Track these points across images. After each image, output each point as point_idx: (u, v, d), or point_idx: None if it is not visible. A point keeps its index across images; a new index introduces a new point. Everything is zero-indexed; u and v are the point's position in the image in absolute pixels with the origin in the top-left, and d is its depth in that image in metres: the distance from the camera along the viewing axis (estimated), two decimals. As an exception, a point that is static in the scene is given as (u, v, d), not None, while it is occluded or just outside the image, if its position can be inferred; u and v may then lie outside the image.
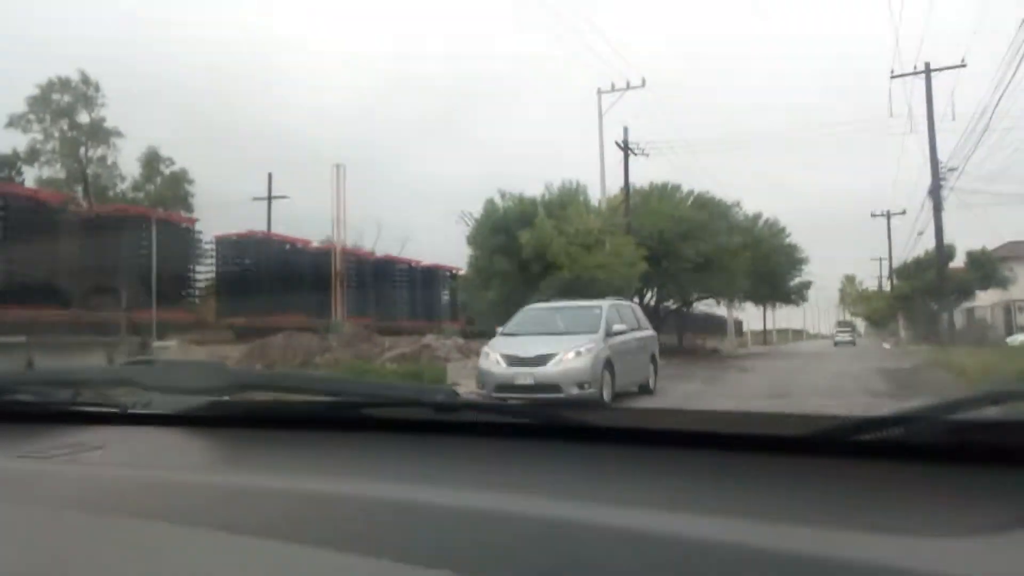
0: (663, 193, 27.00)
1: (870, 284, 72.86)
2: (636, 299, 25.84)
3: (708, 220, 26.33)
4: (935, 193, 22.46)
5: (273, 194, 32.05)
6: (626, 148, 25.30)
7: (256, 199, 32.61)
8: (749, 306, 35.78)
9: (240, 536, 0.65)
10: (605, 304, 11.10)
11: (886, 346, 41.97)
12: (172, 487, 0.82)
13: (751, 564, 0.53)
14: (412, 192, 65.84)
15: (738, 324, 52.22)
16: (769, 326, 62.24)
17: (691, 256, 24.48)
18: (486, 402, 1.46)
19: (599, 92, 23.77)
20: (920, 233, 30.25)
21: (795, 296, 33.86)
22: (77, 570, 0.62)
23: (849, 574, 0.50)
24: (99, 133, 31.22)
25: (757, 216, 31.21)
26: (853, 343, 49.71)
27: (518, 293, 17.46)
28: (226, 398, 1.16)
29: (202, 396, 1.15)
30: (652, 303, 30.27)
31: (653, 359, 11.86)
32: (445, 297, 25.86)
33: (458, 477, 0.86)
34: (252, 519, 0.70)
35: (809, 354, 32.64)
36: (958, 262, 32.14)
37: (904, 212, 40.17)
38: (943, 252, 23.07)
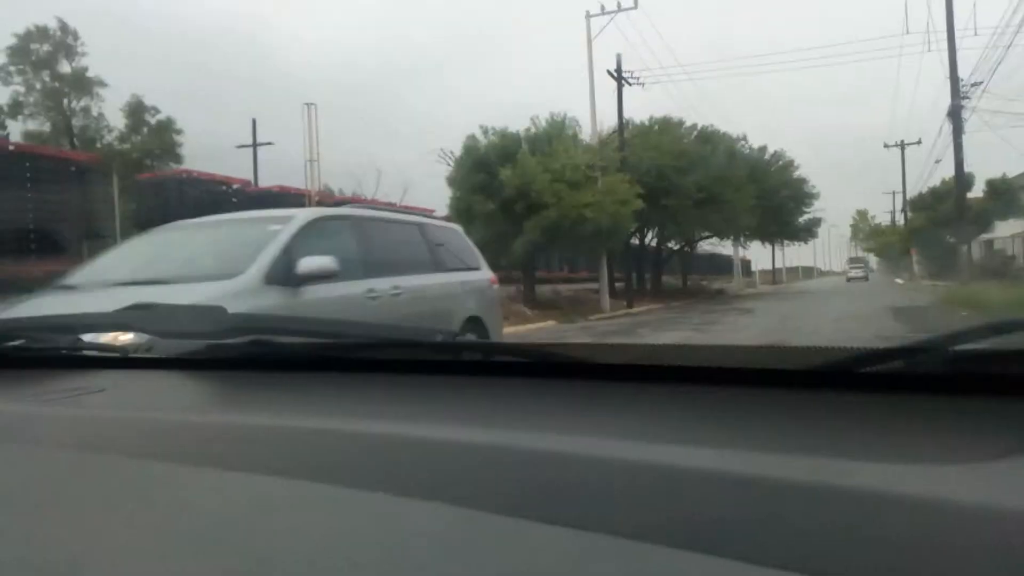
0: (664, 127, 25.35)
1: (883, 219, 71.06)
2: (636, 240, 24.59)
3: (710, 153, 24.80)
4: (955, 113, 20.67)
5: (260, 141, 30.54)
6: (619, 77, 23.52)
7: (241, 146, 31.22)
8: (757, 245, 34.31)
9: (239, 473, 0.66)
10: (298, 217, 4.93)
11: (899, 282, 40.55)
12: (172, 427, 0.82)
13: (746, 492, 0.53)
14: (412, 138, 63.83)
15: (746, 264, 50.83)
16: (779, 265, 60.73)
17: (691, 191, 23.04)
18: (483, 342, 1.37)
19: (587, 15, 21.94)
20: (937, 161, 28.43)
21: (804, 233, 32.31)
22: (78, 511, 0.62)
23: (845, 501, 0.50)
24: (82, 83, 29.76)
25: (763, 149, 29.56)
26: (865, 278, 49.16)
27: (500, 236, 16.18)
28: (226, 341, 1.15)
29: (202, 339, 1.16)
30: (654, 243, 28.93)
31: (477, 321, 6.03)
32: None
33: (454, 414, 0.86)
34: (251, 457, 0.71)
35: (819, 292, 31.34)
36: (976, 192, 30.41)
37: (919, 142, 38.20)
38: (963, 176, 21.28)
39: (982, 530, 0.46)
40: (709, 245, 34.69)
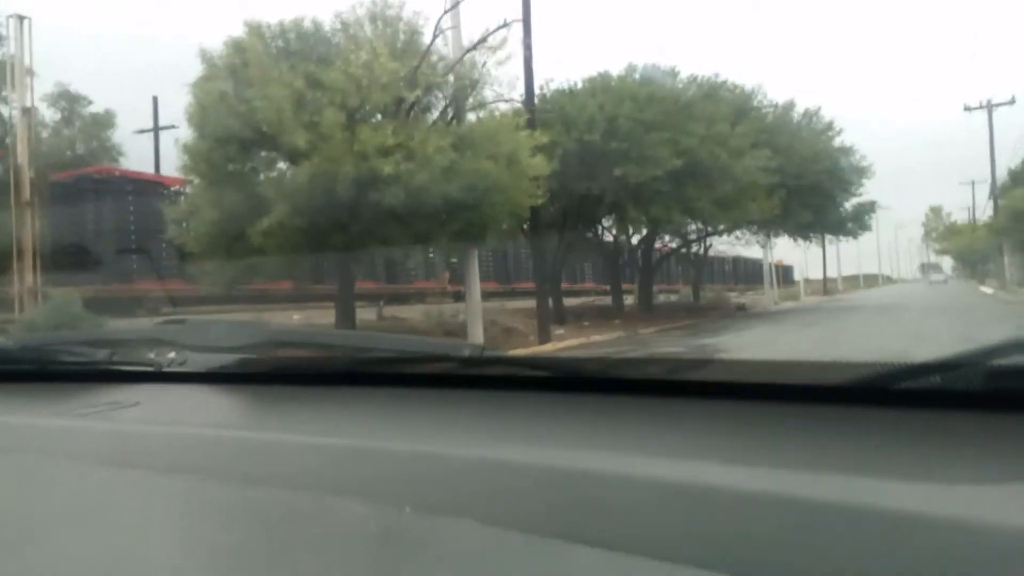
0: (630, 74, 17.18)
1: (960, 217, 60.76)
2: (602, 231, 16.62)
3: (695, 103, 16.50)
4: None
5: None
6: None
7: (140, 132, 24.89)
8: (792, 245, 25.35)
9: (271, 489, 0.66)
10: None
11: (986, 291, 31.03)
12: (205, 443, 0.82)
13: (777, 511, 0.52)
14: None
15: (784, 270, 41.61)
16: (834, 271, 51.02)
17: (664, 156, 14.82)
18: (512, 356, 1.26)
19: None
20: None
21: (852, 225, 23.27)
22: (112, 523, 0.63)
23: (881, 521, 0.49)
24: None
25: (789, 105, 20.95)
26: (945, 283, 47.56)
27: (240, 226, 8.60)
28: (257, 356, 1.17)
29: (235, 354, 1.16)
30: (625, 238, 20.57)
31: None
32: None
33: (484, 430, 0.86)
34: (282, 472, 0.70)
35: (881, 308, 22.48)
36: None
37: (1013, 101, 28.75)
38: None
39: (1022, 553, 0.45)
40: (726, 244, 26.08)
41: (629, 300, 22.45)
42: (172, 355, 1.23)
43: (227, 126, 8.54)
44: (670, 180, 15.25)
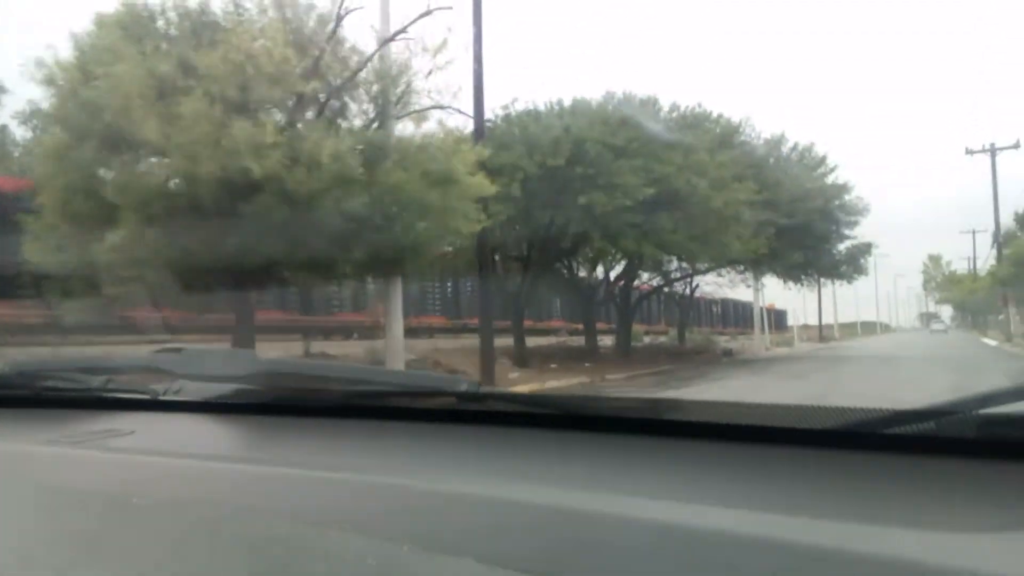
0: (608, 102, 15.78)
1: (959, 266, 59.48)
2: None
3: (673, 130, 15.07)
4: None
5: None
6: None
7: None
8: (783, 287, 23.71)
9: (267, 521, 0.66)
10: None
11: (989, 342, 29.38)
12: (201, 473, 0.82)
13: (775, 557, 0.52)
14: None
15: (777, 314, 39.92)
16: (830, 317, 49.30)
17: (636, 185, 13.30)
18: (509, 393, 1.37)
19: None
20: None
21: (846, 267, 21.65)
22: (106, 552, 0.63)
23: (874, 569, 0.49)
24: None
25: (779, 140, 19.56)
26: (945, 332, 47.37)
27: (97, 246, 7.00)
28: (254, 386, 1.17)
29: (231, 384, 1.17)
30: (596, 274, 18.94)
31: None
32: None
33: (481, 466, 0.86)
34: (279, 505, 0.70)
35: (875, 359, 20.83)
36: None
37: (1018, 145, 27.45)
38: None
39: None
40: (712, 285, 24.47)
41: (607, 341, 20.83)
42: (168, 383, 1.22)
43: (75, 120, 6.99)
44: (642, 211, 13.73)
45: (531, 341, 19.75)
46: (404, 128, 9.74)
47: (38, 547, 0.63)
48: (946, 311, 71.06)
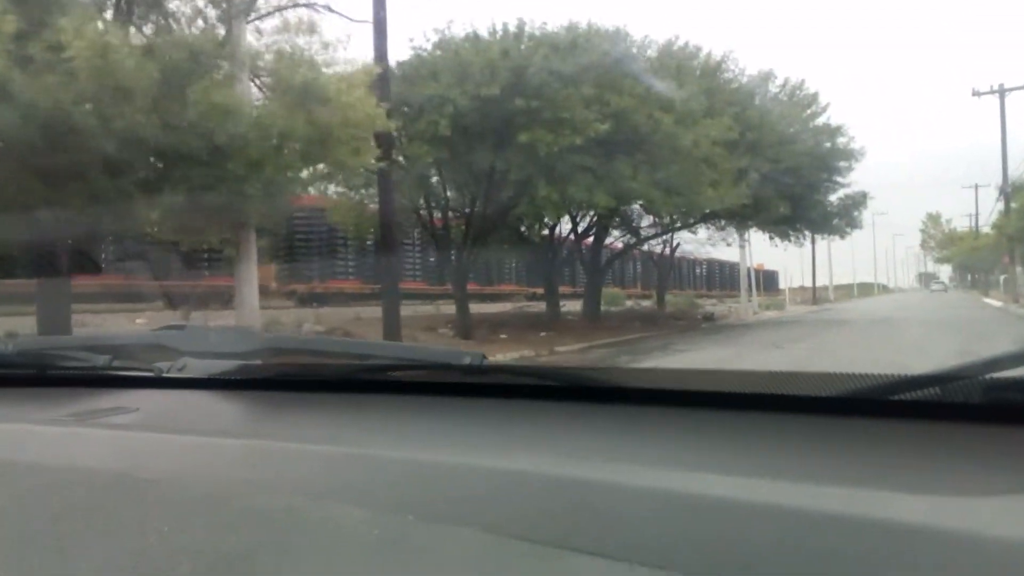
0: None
1: (960, 224, 57.43)
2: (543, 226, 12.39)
3: (636, 59, 12.84)
4: None
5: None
6: None
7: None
8: (769, 244, 21.54)
9: (272, 495, 0.67)
10: None
11: (993, 303, 27.44)
12: (206, 449, 0.82)
13: (778, 522, 0.52)
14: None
15: (768, 276, 37.87)
16: (825, 278, 47.27)
17: (587, 121, 11.13)
18: (513, 365, 1.32)
19: None
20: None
21: (839, 220, 19.46)
22: (112, 528, 0.64)
23: (881, 533, 0.50)
24: None
25: (766, 76, 17.27)
26: (945, 291, 49.63)
27: None
28: (257, 362, 1.18)
29: (235, 360, 1.16)
30: (549, 229, 16.78)
31: None
32: None
33: (484, 438, 0.87)
34: (283, 479, 0.71)
35: (872, 321, 18.89)
36: None
37: (1030, 86, 25.12)
38: None
39: (1021, 565, 0.45)
40: (693, 243, 22.38)
41: (576, 307, 18.84)
42: (171, 361, 1.22)
43: None
44: (595, 152, 11.58)
45: (484, 308, 17.79)
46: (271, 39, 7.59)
47: (42, 525, 0.64)
48: (945, 271, 69.23)
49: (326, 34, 7.80)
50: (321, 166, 7.90)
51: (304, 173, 7.89)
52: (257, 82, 7.23)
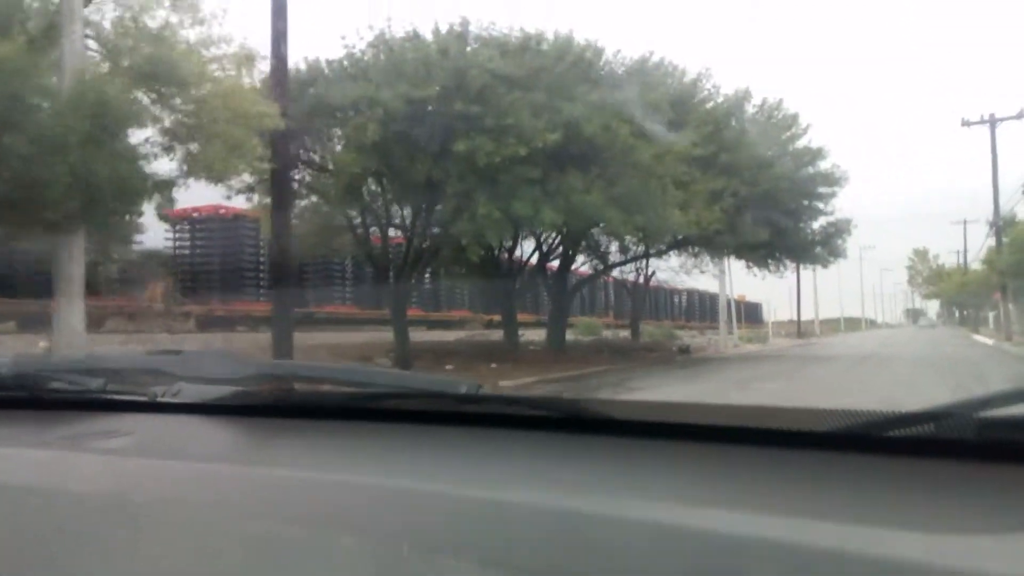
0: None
1: (947, 261, 56.80)
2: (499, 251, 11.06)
3: (579, 65, 11.57)
4: None
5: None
6: None
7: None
8: (772, 281, 20.22)
9: (266, 523, 0.66)
10: None
11: (984, 340, 26.25)
12: (199, 475, 0.82)
13: (774, 559, 0.53)
14: None
15: (750, 307, 36.55)
16: (811, 312, 46.06)
17: (535, 129, 9.88)
18: (508, 395, 1.31)
19: None
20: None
21: (821, 249, 18.20)
22: (104, 553, 0.63)
23: (874, 570, 0.50)
24: None
25: (743, 95, 16.13)
26: (933, 328, 48.15)
27: None
28: (253, 388, 1.18)
29: (230, 386, 1.16)
30: (506, 253, 15.45)
31: None
32: None
33: (480, 469, 0.86)
34: (276, 507, 0.71)
35: (858, 359, 17.63)
36: None
37: (1021, 115, 24.09)
38: None
39: None
40: (665, 272, 21.09)
41: (538, 336, 17.47)
42: (166, 385, 1.21)
43: None
44: (543, 165, 10.32)
45: (432, 335, 16.40)
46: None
47: (34, 548, 0.63)
48: (932, 307, 68.53)
49: (204, 9, 6.52)
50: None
51: (173, 171, 6.55)
52: (99, 55, 5.94)
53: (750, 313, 36.09)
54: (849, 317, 67.84)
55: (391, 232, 12.18)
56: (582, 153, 10.68)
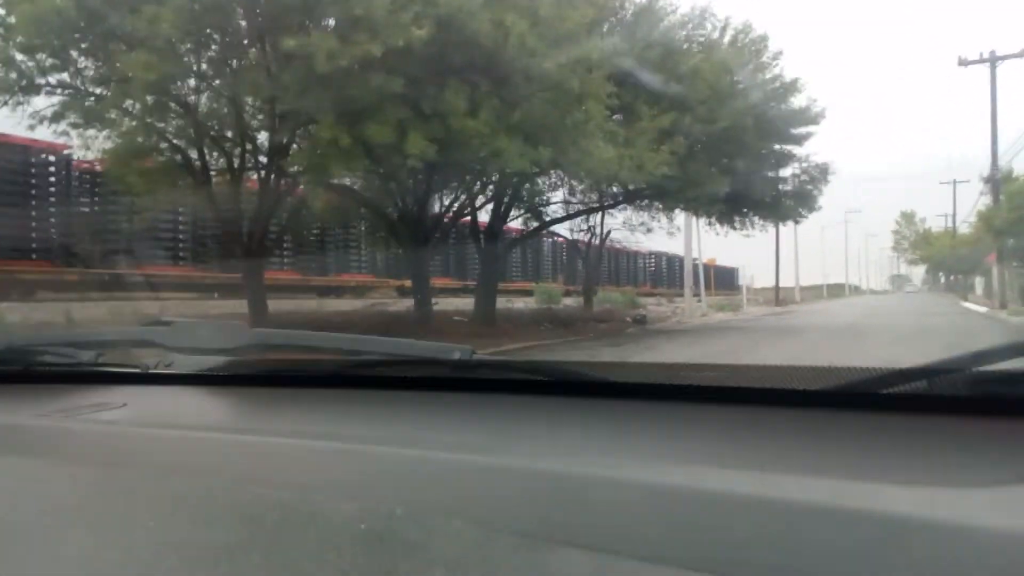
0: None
1: (935, 224, 54.65)
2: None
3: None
4: None
5: None
6: None
7: None
8: (708, 229, 17.57)
9: (259, 490, 0.67)
10: None
11: (975, 308, 23.96)
12: (192, 444, 0.83)
13: (769, 516, 0.53)
14: None
15: (724, 273, 34.06)
16: (791, 279, 43.74)
17: (396, 25, 7.17)
18: (502, 360, 1.27)
19: None
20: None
21: (792, 202, 15.46)
22: (99, 524, 0.64)
23: (870, 524, 0.50)
24: None
25: (701, 14, 13.34)
26: (919, 293, 48.73)
27: None
28: (245, 358, 1.18)
29: (222, 356, 1.17)
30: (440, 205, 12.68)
31: None
32: None
33: (474, 433, 0.87)
34: (270, 474, 0.71)
35: (837, 330, 15.28)
36: None
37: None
38: None
39: (1010, 555, 0.45)
40: (621, 231, 18.44)
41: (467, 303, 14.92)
42: (159, 357, 1.21)
43: None
44: (410, 74, 7.60)
45: (318, 304, 13.79)
46: None
47: (30, 519, 0.64)
48: (917, 274, 66.67)
49: None
50: None
51: None
52: None
53: (723, 279, 33.54)
54: (833, 284, 65.80)
55: (235, 169, 9.40)
56: (467, 61, 7.96)
